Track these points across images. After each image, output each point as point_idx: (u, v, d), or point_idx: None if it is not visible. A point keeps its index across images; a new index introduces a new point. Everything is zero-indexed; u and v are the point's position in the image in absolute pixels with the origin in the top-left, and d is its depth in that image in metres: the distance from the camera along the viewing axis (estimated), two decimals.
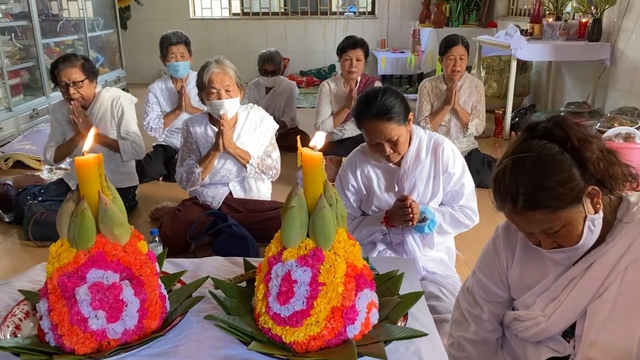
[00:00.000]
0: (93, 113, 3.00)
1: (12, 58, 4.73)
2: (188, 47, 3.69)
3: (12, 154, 4.01)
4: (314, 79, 7.69)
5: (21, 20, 4.85)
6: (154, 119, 3.73)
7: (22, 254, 2.76)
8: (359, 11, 7.99)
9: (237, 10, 7.91)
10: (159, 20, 7.56)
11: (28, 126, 4.64)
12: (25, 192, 3.05)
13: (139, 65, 7.56)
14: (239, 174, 2.76)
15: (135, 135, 3.08)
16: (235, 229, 2.56)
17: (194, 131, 2.75)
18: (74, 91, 2.87)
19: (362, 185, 2.07)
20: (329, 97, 3.86)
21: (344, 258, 0.94)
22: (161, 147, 3.81)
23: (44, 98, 5.04)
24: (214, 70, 2.60)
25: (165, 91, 3.78)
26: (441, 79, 3.60)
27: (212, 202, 2.76)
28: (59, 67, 2.85)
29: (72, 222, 0.95)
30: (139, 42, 7.54)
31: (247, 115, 2.76)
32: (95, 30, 6.33)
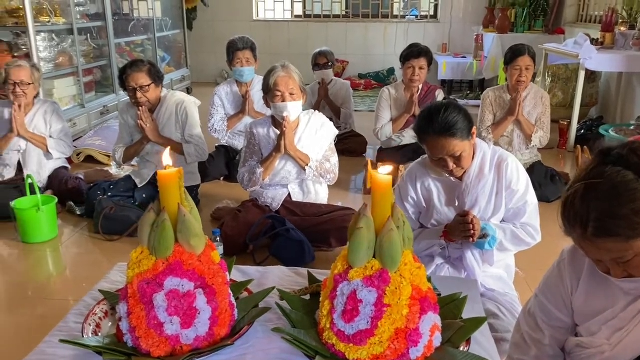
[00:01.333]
0: (159, 117, 3.14)
1: (87, 57, 4.99)
2: (254, 53, 3.78)
3: (83, 149, 4.24)
4: (373, 82, 7.69)
5: (96, 21, 5.11)
6: (218, 122, 3.85)
7: (90, 246, 2.92)
8: (421, 15, 7.91)
9: (299, 13, 8.01)
10: (223, 21, 7.75)
11: (99, 122, 4.88)
12: (96, 187, 3.22)
13: (202, 65, 7.78)
14: (298, 177, 2.82)
15: (198, 138, 3.19)
16: (293, 233, 2.62)
17: (257, 133, 2.83)
18: (140, 95, 3.00)
19: (422, 198, 2.06)
20: (389, 103, 3.86)
21: (410, 281, 0.95)
22: (223, 148, 3.92)
23: (114, 95, 5.29)
24: (280, 74, 2.68)
25: (230, 95, 3.89)
26: (505, 88, 3.52)
27: (271, 203, 2.83)
28: (127, 72, 3.00)
29: (153, 231, 1.01)
30: (204, 42, 7.76)
31: (309, 119, 2.82)
32: (164, 31, 6.57)
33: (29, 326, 2.19)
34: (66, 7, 4.65)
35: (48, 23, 4.35)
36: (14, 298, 2.43)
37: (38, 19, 4.20)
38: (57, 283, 2.64)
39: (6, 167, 3.37)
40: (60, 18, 4.51)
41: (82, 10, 4.89)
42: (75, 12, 4.65)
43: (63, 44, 4.58)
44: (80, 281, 2.58)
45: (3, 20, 4.06)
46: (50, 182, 3.41)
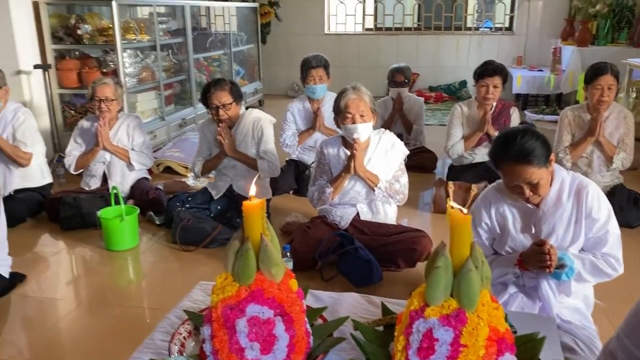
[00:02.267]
0: (237, 133, 3.26)
1: (167, 72, 5.25)
2: (327, 70, 3.84)
3: (163, 160, 4.45)
4: (444, 95, 7.59)
5: (177, 37, 5.37)
6: (290, 137, 3.94)
7: (167, 255, 3.06)
8: (495, 27, 7.74)
9: (370, 26, 8.05)
10: (295, 35, 7.92)
11: (177, 134, 5.11)
12: (175, 198, 3.38)
13: (274, 77, 7.98)
14: (367, 196, 2.85)
15: (272, 155, 3.28)
16: (361, 252, 2.63)
17: (327, 153, 2.88)
18: (222, 113, 3.13)
19: (496, 224, 2.03)
20: (461, 120, 3.80)
21: (487, 322, 0.95)
22: (293, 162, 4.01)
23: (192, 109, 5.53)
24: (351, 96, 2.72)
25: (302, 111, 3.98)
26: (585, 108, 3.39)
27: (340, 221, 2.87)
28: (210, 91, 3.14)
29: (237, 259, 1.06)
30: (276, 55, 7.96)
31: (379, 139, 2.84)
32: (239, 45, 6.80)
33: (107, 328, 2.34)
34: (150, 24, 4.92)
35: (134, 40, 4.63)
36: (95, 301, 2.59)
37: (125, 36, 4.47)
38: (135, 290, 2.80)
39: (92, 178, 3.60)
40: (145, 35, 4.78)
41: (164, 28, 5.16)
42: (158, 30, 4.91)
43: (146, 60, 4.86)
44: (157, 289, 2.72)
45: (94, 39, 4.36)
46: (133, 192, 3.61)
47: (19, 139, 3.35)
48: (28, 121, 3.39)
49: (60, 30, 4.36)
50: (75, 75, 4.44)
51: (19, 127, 3.35)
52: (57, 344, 2.25)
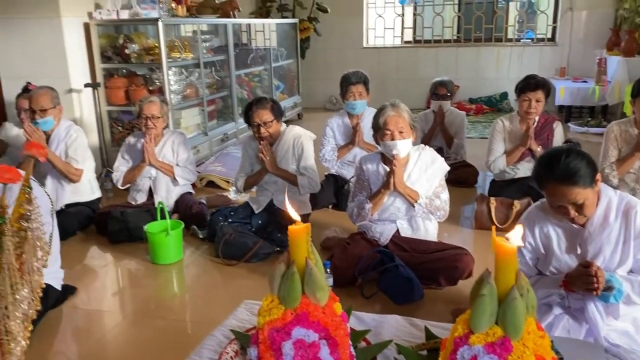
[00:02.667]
0: (277, 150, 3.32)
1: (210, 88, 5.39)
2: (366, 86, 3.87)
3: (205, 175, 4.56)
4: (484, 107, 7.50)
5: (220, 54, 5.51)
6: (329, 152, 3.98)
7: (211, 269, 3.13)
8: (537, 37, 7.61)
9: (409, 39, 8.05)
10: (333, 49, 7.99)
11: (219, 149, 5.23)
12: (218, 212, 3.46)
13: (313, 91, 8.06)
14: (407, 213, 2.85)
15: (312, 171, 3.33)
16: (402, 270, 2.63)
17: (366, 169, 2.90)
18: (264, 130, 3.21)
19: (540, 243, 2.00)
20: (503, 135, 3.75)
21: (533, 350, 0.95)
22: (332, 177, 4.04)
23: (233, 124, 5.64)
24: (390, 113, 2.74)
25: (341, 126, 4.01)
26: (632, 122, 3.29)
27: (379, 238, 2.87)
28: (252, 110, 3.22)
29: (283, 283, 1.09)
30: (315, 69, 8.05)
31: (419, 155, 2.84)
32: (279, 61, 6.91)
33: (152, 340, 2.41)
34: (194, 42, 5.07)
35: (178, 59, 4.77)
36: (141, 313, 2.67)
37: (170, 55, 4.62)
38: (179, 303, 2.87)
39: (139, 193, 3.72)
40: (189, 53, 4.93)
41: (207, 46, 5.30)
42: (201, 47, 5.05)
43: (190, 77, 5.00)
44: (200, 302, 2.78)
45: (141, 58, 4.52)
46: (177, 206, 3.71)
47: (70, 155, 3.50)
48: (79, 139, 3.54)
49: (109, 50, 4.54)
50: (123, 93, 4.61)
51: (71, 145, 3.50)
52: (105, 356, 2.33)
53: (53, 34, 4.25)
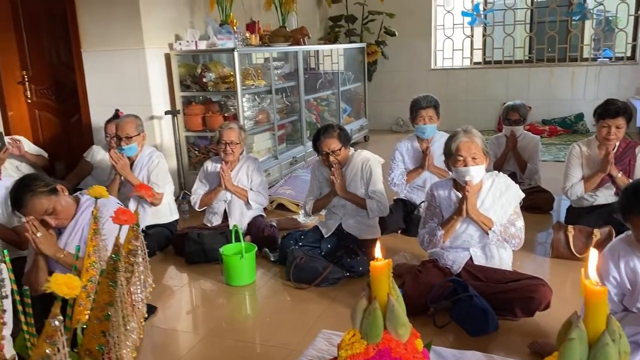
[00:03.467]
0: (346, 174, 3.38)
1: (281, 113, 5.54)
2: (436, 110, 3.87)
3: (276, 198, 4.67)
4: (558, 129, 7.25)
5: (290, 80, 5.67)
6: (398, 176, 3.98)
7: (282, 292, 3.19)
8: (615, 56, 7.30)
9: (479, 60, 7.94)
10: (401, 71, 8.01)
11: (288, 172, 5.34)
12: (289, 236, 3.54)
13: (379, 113, 8.09)
14: (480, 240, 2.80)
15: (381, 195, 3.35)
16: (476, 300, 2.58)
17: (438, 195, 2.88)
18: (332, 158, 3.28)
19: (626, 278, 1.92)
20: (580, 160, 3.62)
21: None
22: (401, 202, 4.03)
23: (302, 147, 5.77)
24: (462, 139, 2.72)
25: (410, 150, 4.01)
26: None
27: (452, 265, 2.84)
28: (320, 139, 3.30)
29: (365, 318, 1.12)
30: (381, 91, 8.09)
31: (492, 182, 2.80)
32: (346, 85, 7.01)
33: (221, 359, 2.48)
34: (266, 70, 5.25)
35: (252, 86, 4.96)
36: (214, 334, 2.76)
37: (244, 82, 4.80)
38: (251, 325, 2.94)
39: (214, 215, 3.87)
40: (262, 81, 5.11)
41: (279, 73, 5.48)
42: (273, 75, 5.22)
43: (262, 103, 5.17)
44: (270, 325, 2.83)
45: (217, 86, 4.73)
46: (249, 228, 3.82)
47: (152, 180, 3.70)
48: (161, 164, 3.74)
49: (188, 79, 4.79)
50: (200, 119, 4.83)
51: (153, 170, 3.70)
52: None
53: (137, 65, 4.54)
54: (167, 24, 4.71)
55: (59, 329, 0.77)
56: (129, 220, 1.00)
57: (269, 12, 5.88)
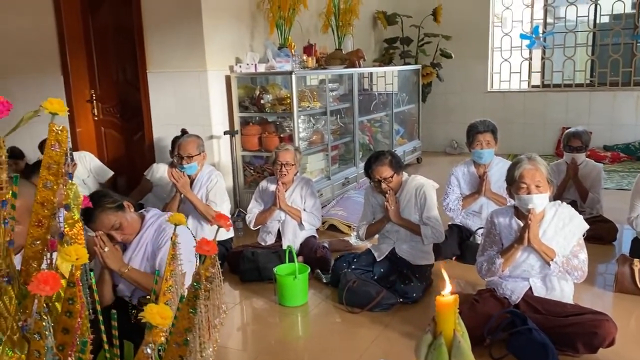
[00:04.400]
0: (400, 199, 3.38)
1: (334, 134, 5.60)
2: (494, 135, 3.82)
3: (328, 218, 4.69)
4: (621, 155, 6.97)
5: (345, 102, 5.73)
6: (454, 201, 3.93)
7: (334, 315, 3.19)
8: None
9: (537, 83, 7.78)
10: (456, 93, 7.94)
11: (340, 192, 5.37)
12: (342, 258, 3.54)
13: (433, 135, 8.03)
14: (541, 271, 2.73)
15: (435, 221, 3.32)
16: (535, 334, 2.50)
17: (498, 222, 2.83)
18: (385, 185, 3.29)
19: None
20: None
21: None
22: (457, 227, 3.97)
23: (354, 168, 5.79)
24: (526, 166, 2.68)
25: (467, 175, 3.96)
26: None
27: (510, 296, 2.77)
28: (371, 167, 3.32)
29: (430, 353, 1.12)
30: (436, 113, 8.03)
31: (555, 212, 2.73)
32: (400, 106, 7.01)
33: None
34: (322, 92, 5.33)
35: (307, 108, 5.04)
36: (265, 354, 2.78)
37: (300, 104, 4.89)
38: (302, 346, 2.96)
39: (268, 234, 3.93)
40: (317, 103, 5.18)
41: (334, 95, 5.54)
42: (328, 97, 5.29)
43: (317, 125, 5.24)
44: (321, 347, 2.84)
45: (274, 107, 4.84)
46: (302, 249, 3.86)
47: (211, 199, 3.80)
48: (219, 183, 3.84)
49: (246, 100, 4.92)
50: (256, 139, 4.94)
51: (212, 189, 3.80)
52: None
53: (199, 86, 4.70)
54: (228, 47, 4.87)
55: (151, 356, 0.81)
56: (211, 251, 1.04)
57: (326, 35, 5.98)
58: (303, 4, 5.20)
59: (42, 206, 0.84)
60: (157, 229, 2.66)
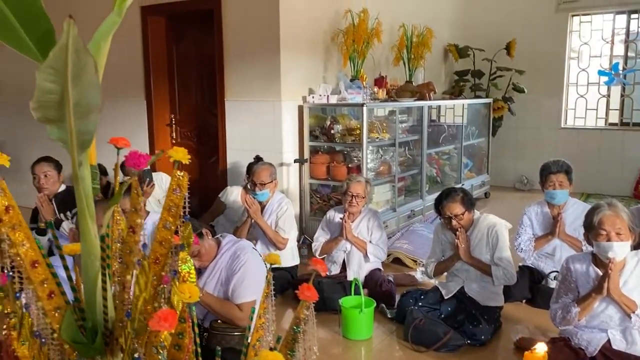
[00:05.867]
0: (471, 237, 3.32)
1: (402, 165, 5.59)
2: (568, 176, 3.70)
3: (393, 251, 4.66)
4: None
5: (414, 134, 5.72)
6: (526, 241, 3.82)
7: (398, 352, 3.16)
8: None
9: (615, 120, 7.46)
10: (528, 128, 7.75)
11: (405, 225, 5.33)
12: (409, 294, 3.50)
13: (502, 169, 7.84)
14: (621, 323, 2.60)
15: (507, 262, 3.24)
16: None
17: (574, 269, 2.73)
18: (455, 223, 3.25)
19: None
20: None
21: None
22: (528, 269, 3.84)
23: (420, 201, 5.74)
24: (606, 212, 2.59)
25: (540, 215, 3.85)
26: None
27: (586, 347, 2.65)
28: (442, 202, 3.29)
29: None
30: (505, 147, 7.85)
31: (638, 261, 2.61)
32: (469, 139, 6.91)
33: None
34: (391, 123, 5.36)
35: (377, 139, 5.08)
36: None
37: (369, 135, 4.93)
38: None
39: (333, 264, 3.96)
40: (386, 134, 5.21)
41: (403, 126, 5.56)
42: (398, 128, 5.31)
43: (385, 156, 5.26)
44: None
45: (344, 137, 4.91)
46: (367, 281, 3.85)
47: (280, 225, 3.89)
48: (289, 211, 3.93)
49: (317, 129, 5.02)
50: (325, 168, 5.02)
51: (282, 216, 3.89)
52: None
53: (273, 115, 4.85)
54: (302, 78, 5.01)
55: None
56: (312, 297, 1.08)
57: (397, 67, 6.03)
58: (377, 38, 5.28)
59: (160, 245, 0.92)
60: (232, 256, 2.75)
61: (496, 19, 7.64)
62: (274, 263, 1.19)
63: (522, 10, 7.55)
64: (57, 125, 0.72)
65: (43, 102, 0.67)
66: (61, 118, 0.70)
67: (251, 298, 2.68)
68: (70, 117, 0.70)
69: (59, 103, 0.68)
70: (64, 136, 0.73)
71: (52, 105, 0.68)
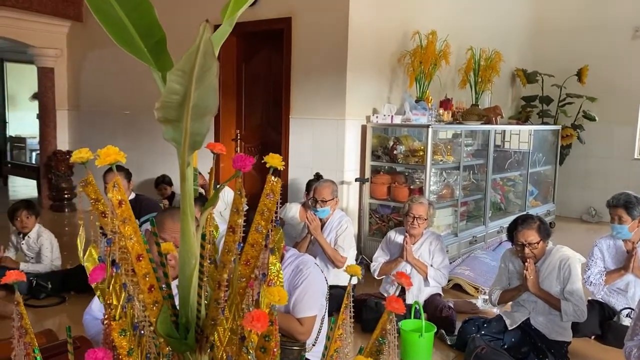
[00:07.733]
0: (541, 269, 3.20)
1: (465, 190, 5.48)
2: (627, 211, 3.50)
3: (453, 277, 4.55)
4: None
5: (478, 158, 5.61)
6: (595, 274, 3.65)
7: None
8: None
9: None
10: (597, 157, 7.45)
11: (467, 250, 5.20)
12: (471, 322, 3.40)
13: (568, 199, 7.55)
14: None
15: (578, 298, 3.10)
16: None
17: None
18: (528, 251, 3.13)
19: None
20: None
21: None
22: (598, 304, 3.66)
23: (483, 227, 5.59)
24: None
25: (612, 248, 3.67)
26: None
27: None
28: (517, 228, 3.17)
29: None
30: (573, 176, 7.57)
31: None
32: (536, 167, 6.71)
33: None
34: (456, 146, 5.28)
35: (440, 162, 5.01)
36: None
37: (433, 157, 4.87)
38: None
39: (392, 286, 3.90)
40: (450, 157, 5.14)
41: (468, 150, 5.46)
42: (463, 152, 5.23)
43: (448, 179, 5.18)
44: None
45: (407, 159, 4.87)
46: (426, 306, 3.75)
47: (339, 244, 3.88)
48: (349, 229, 3.92)
49: (379, 150, 5.01)
50: (386, 188, 4.99)
51: (341, 234, 3.89)
52: None
53: (337, 133, 4.89)
54: (367, 98, 5.04)
55: None
56: (400, 310, 1.07)
57: (463, 90, 5.96)
58: (445, 59, 5.25)
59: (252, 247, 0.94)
60: (295, 269, 2.76)
61: (568, 45, 7.44)
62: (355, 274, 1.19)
63: (596, 37, 7.32)
64: (173, 126, 0.76)
65: (167, 103, 0.71)
66: (179, 119, 0.74)
67: (312, 313, 2.67)
68: (188, 118, 0.74)
69: (180, 104, 0.72)
70: (178, 136, 0.77)
71: (174, 106, 0.72)
